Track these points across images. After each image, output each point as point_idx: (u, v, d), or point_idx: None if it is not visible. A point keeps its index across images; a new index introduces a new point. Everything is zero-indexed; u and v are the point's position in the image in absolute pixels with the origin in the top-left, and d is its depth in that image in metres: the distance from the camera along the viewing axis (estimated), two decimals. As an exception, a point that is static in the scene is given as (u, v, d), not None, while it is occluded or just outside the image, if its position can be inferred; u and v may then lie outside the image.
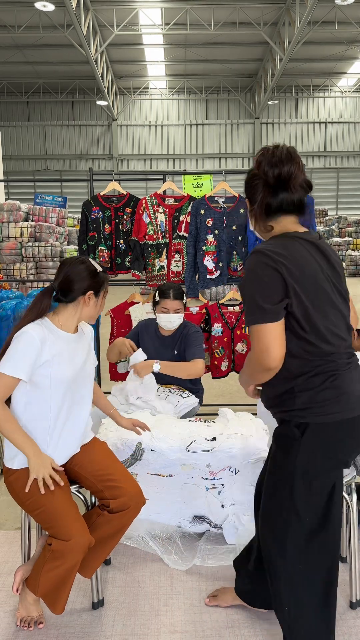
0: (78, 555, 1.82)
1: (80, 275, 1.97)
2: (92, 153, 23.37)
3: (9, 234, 10.69)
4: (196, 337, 3.10)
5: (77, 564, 1.86)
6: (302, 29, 13.67)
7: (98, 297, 2.04)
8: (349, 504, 2.08)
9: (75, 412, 2.02)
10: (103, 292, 2.06)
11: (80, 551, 1.82)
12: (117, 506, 1.98)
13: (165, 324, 3.07)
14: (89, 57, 15.51)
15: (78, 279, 1.97)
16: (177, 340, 3.13)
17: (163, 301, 3.04)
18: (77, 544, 1.80)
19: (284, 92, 22.77)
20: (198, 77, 21.57)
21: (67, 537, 1.80)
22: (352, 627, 2.00)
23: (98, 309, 2.07)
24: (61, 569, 1.83)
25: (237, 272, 3.87)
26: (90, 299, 2.00)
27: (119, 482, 2.01)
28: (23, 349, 1.84)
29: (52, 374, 1.89)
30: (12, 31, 15.39)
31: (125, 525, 2.03)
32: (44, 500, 1.84)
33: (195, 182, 4.01)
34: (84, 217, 3.89)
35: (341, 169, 23.72)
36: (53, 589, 1.88)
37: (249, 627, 2.00)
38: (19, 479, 1.91)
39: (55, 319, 1.98)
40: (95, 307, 2.04)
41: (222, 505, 2.48)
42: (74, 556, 1.81)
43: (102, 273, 2.04)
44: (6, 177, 19.59)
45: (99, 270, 2.03)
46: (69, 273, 1.97)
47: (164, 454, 2.43)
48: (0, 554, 2.46)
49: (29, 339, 1.85)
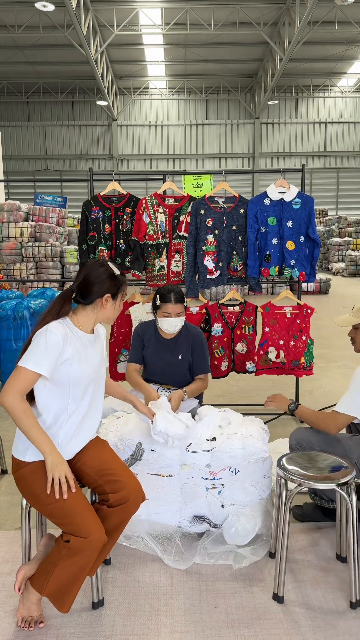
0: (95, 552, 1.85)
1: (99, 277, 2.01)
2: (92, 153, 23.38)
3: (9, 234, 10.69)
4: (204, 350, 3.13)
5: (91, 562, 1.88)
6: (302, 29, 13.67)
7: (115, 299, 2.07)
8: (349, 504, 2.08)
9: (90, 410, 2.07)
10: (121, 295, 2.10)
11: (97, 548, 1.85)
12: (116, 500, 1.99)
13: (167, 328, 3.00)
14: (89, 57, 15.51)
15: (97, 281, 2.01)
16: (181, 343, 3.09)
17: (164, 305, 2.97)
18: (95, 540, 1.83)
19: (284, 92, 22.78)
20: (198, 77, 21.57)
21: (86, 534, 1.82)
22: (352, 627, 2.01)
23: (116, 312, 2.10)
24: (76, 566, 1.85)
25: (237, 272, 3.87)
26: (107, 301, 2.04)
27: (118, 476, 2.02)
28: (45, 345, 1.88)
29: (72, 372, 1.94)
30: (12, 31, 15.39)
31: (125, 520, 2.04)
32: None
33: (195, 182, 4.01)
34: (84, 217, 3.90)
35: (341, 169, 23.72)
36: (63, 587, 1.89)
37: (249, 627, 2.01)
38: (34, 473, 1.91)
39: (75, 319, 2.03)
40: (113, 309, 2.08)
41: (222, 505, 2.48)
42: (91, 553, 1.84)
43: (120, 276, 2.07)
44: (6, 177, 19.60)
45: (117, 273, 2.06)
46: (88, 275, 2.01)
47: (164, 454, 2.43)
48: (0, 554, 2.47)
49: (52, 336, 1.89)
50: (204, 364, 3.11)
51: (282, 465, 2.19)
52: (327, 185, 23.81)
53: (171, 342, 3.09)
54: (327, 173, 23.73)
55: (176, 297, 2.98)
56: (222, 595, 2.18)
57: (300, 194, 3.75)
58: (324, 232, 17.87)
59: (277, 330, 3.87)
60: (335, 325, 2.88)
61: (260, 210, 3.74)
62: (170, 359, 3.07)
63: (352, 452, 2.44)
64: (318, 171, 23.59)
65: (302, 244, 3.79)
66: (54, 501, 1.86)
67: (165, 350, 3.09)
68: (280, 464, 2.21)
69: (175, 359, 3.07)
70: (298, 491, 2.12)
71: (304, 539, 2.55)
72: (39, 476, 1.90)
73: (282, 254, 3.80)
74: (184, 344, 3.08)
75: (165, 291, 3.01)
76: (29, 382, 1.87)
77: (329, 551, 2.46)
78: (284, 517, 2.10)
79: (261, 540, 2.47)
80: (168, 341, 3.09)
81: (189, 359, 3.09)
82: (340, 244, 16.82)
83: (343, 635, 1.97)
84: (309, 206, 3.76)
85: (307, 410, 2.62)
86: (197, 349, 3.09)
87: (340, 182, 23.85)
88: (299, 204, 3.74)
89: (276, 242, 3.78)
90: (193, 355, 3.09)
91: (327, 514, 2.66)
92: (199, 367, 3.10)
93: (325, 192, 23.74)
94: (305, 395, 4.66)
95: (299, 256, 3.79)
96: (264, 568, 2.33)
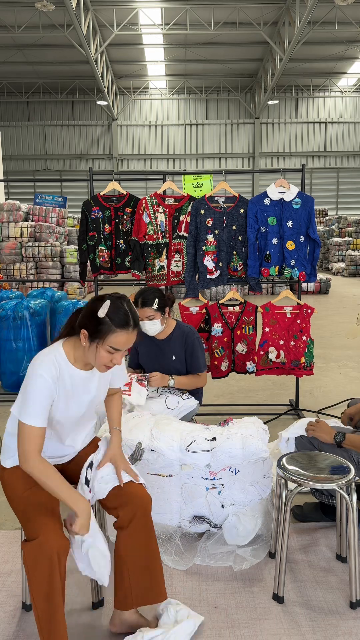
0: (46, 558, 1.66)
1: (89, 308, 1.82)
2: (92, 153, 23.37)
3: (9, 234, 10.70)
4: (198, 349, 3.10)
5: (52, 573, 1.66)
6: (302, 29, 13.67)
7: (94, 343, 1.79)
8: (349, 504, 2.08)
9: (75, 430, 2.00)
10: (101, 344, 1.78)
11: (48, 553, 1.66)
12: (126, 517, 1.92)
13: (144, 331, 2.99)
14: (89, 57, 15.51)
15: (85, 311, 1.83)
16: (173, 343, 3.08)
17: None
18: (43, 543, 1.67)
19: (284, 92, 22.78)
20: (198, 77, 21.57)
21: (34, 536, 1.70)
22: (352, 627, 2.01)
23: (95, 358, 1.81)
24: (39, 581, 1.66)
25: (237, 272, 3.87)
26: (85, 338, 1.80)
27: (124, 488, 1.97)
28: (40, 393, 1.77)
29: (57, 408, 1.86)
30: (12, 31, 15.39)
31: (147, 525, 1.95)
32: (27, 498, 1.82)
33: (195, 182, 4.01)
34: (84, 217, 3.90)
35: (341, 169, 23.72)
36: (43, 616, 1.69)
37: (249, 627, 2.00)
38: (12, 475, 1.90)
39: (71, 351, 1.87)
40: (91, 353, 1.81)
41: (222, 505, 2.48)
42: (44, 559, 1.66)
43: (108, 324, 1.77)
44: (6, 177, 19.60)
45: (102, 316, 1.77)
46: (88, 302, 1.85)
47: (164, 454, 2.43)
48: (0, 554, 2.46)
49: (43, 383, 1.77)
50: (196, 363, 3.09)
51: (282, 465, 2.19)
52: (327, 185, 23.81)
53: (164, 343, 3.09)
54: (327, 173, 23.73)
55: (142, 301, 2.94)
56: (222, 595, 2.18)
57: (300, 194, 3.75)
58: (324, 232, 17.87)
59: (277, 330, 3.87)
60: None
61: (260, 210, 3.74)
62: (163, 360, 3.07)
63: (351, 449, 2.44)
64: (318, 171, 23.59)
65: (302, 244, 3.79)
66: (21, 505, 1.82)
67: (158, 351, 3.10)
68: (280, 464, 2.21)
69: (169, 359, 3.07)
70: (298, 491, 2.12)
71: (304, 539, 2.55)
72: (15, 478, 1.88)
73: (282, 253, 3.80)
74: (176, 344, 3.08)
75: (137, 294, 2.99)
76: (39, 437, 1.77)
77: (329, 551, 2.46)
78: (284, 517, 2.10)
79: (261, 540, 2.47)
80: (161, 342, 3.09)
81: (183, 359, 3.09)
82: (340, 243, 16.82)
83: (343, 635, 1.97)
84: (309, 206, 3.76)
85: (357, 437, 2.43)
86: (189, 348, 3.08)
87: (340, 182, 23.85)
88: (299, 203, 3.74)
89: (276, 242, 3.78)
90: (186, 355, 3.09)
91: (327, 513, 2.66)
92: (192, 366, 3.09)
93: (325, 192, 23.74)
94: (305, 395, 4.66)
95: (299, 256, 3.79)
96: (264, 568, 2.33)
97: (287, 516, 2.10)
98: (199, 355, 3.10)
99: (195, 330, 3.17)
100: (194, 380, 3.09)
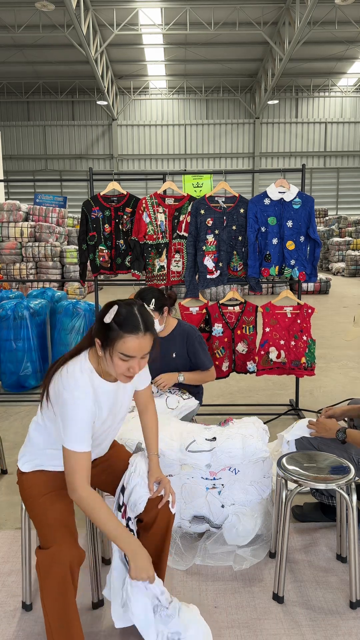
0: (63, 567, 1.62)
1: (100, 314, 1.75)
2: (92, 153, 23.38)
3: (9, 234, 10.70)
4: (201, 346, 3.12)
5: (67, 583, 1.63)
6: (302, 29, 13.67)
7: (107, 351, 1.72)
8: (349, 504, 2.08)
9: (107, 439, 1.99)
10: (113, 350, 1.70)
11: (63, 563, 1.63)
12: (149, 520, 1.93)
13: None
14: (89, 57, 15.51)
15: (97, 318, 1.77)
16: (174, 341, 3.10)
17: None
18: (58, 553, 1.64)
19: (284, 92, 22.78)
20: (198, 77, 21.57)
21: (49, 544, 1.67)
22: (352, 627, 2.01)
23: (112, 367, 1.73)
24: (54, 594, 1.64)
25: (237, 272, 3.87)
26: (99, 346, 1.74)
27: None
28: (82, 419, 1.71)
29: (94, 427, 1.81)
30: (12, 31, 15.39)
31: (164, 536, 1.95)
32: (43, 506, 1.81)
33: (195, 182, 4.01)
34: (84, 217, 3.90)
35: (341, 169, 23.72)
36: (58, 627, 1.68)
37: (249, 627, 2.00)
38: (28, 480, 1.90)
39: (94, 361, 1.81)
40: (107, 362, 1.74)
41: (222, 505, 2.48)
42: (59, 569, 1.62)
43: (116, 330, 1.68)
44: (6, 177, 19.60)
45: (108, 321, 1.69)
46: (102, 308, 1.79)
47: (164, 454, 2.43)
48: (0, 554, 2.46)
49: (84, 406, 1.71)
50: (201, 360, 3.11)
51: (282, 465, 2.19)
52: (327, 185, 23.82)
53: (164, 341, 3.10)
54: (327, 173, 23.73)
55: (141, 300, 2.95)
56: (222, 595, 2.18)
57: (300, 194, 3.75)
58: (324, 232, 17.87)
59: (277, 330, 3.87)
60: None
61: (260, 210, 3.74)
62: (164, 358, 3.08)
63: (350, 447, 2.45)
64: (318, 171, 23.59)
65: (302, 244, 3.79)
66: (37, 510, 1.81)
67: (161, 350, 3.09)
68: (280, 464, 2.21)
69: (169, 357, 3.09)
70: (298, 491, 2.12)
71: (304, 539, 2.55)
72: (32, 482, 1.89)
73: (282, 253, 3.80)
74: (177, 342, 3.09)
75: (136, 294, 3.00)
76: (87, 461, 1.71)
77: (329, 551, 2.46)
78: (284, 517, 2.10)
79: (261, 540, 2.47)
80: (162, 340, 3.10)
81: (185, 356, 3.10)
82: (340, 243, 16.82)
83: (343, 635, 1.97)
84: (309, 206, 3.76)
85: (357, 432, 2.42)
86: (191, 347, 3.10)
87: (340, 182, 23.85)
88: (299, 203, 3.74)
89: (276, 242, 3.78)
90: (189, 353, 3.11)
91: (327, 513, 2.66)
92: (198, 364, 3.12)
93: (325, 192, 23.75)
94: (305, 395, 4.66)
95: (299, 256, 3.79)
96: (264, 568, 2.33)
97: (287, 516, 2.10)
98: (201, 353, 3.12)
99: (196, 328, 3.19)
100: (202, 375, 3.14)
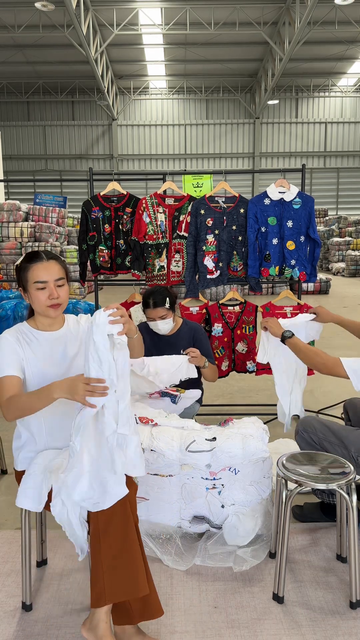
0: (124, 505, 1.77)
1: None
2: (92, 153, 23.37)
3: (9, 234, 10.69)
4: (207, 342, 3.21)
5: (128, 519, 1.78)
6: (302, 29, 13.67)
7: (27, 292, 2.01)
8: (349, 504, 2.08)
9: (68, 406, 1.93)
10: (30, 286, 1.98)
11: (124, 500, 1.77)
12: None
13: (156, 331, 3.10)
14: (89, 57, 15.51)
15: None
16: (181, 339, 3.13)
17: (146, 311, 3.07)
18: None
19: (284, 92, 22.77)
20: (198, 77, 21.57)
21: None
22: (352, 627, 2.00)
23: (36, 304, 2.00)
24: (117, 541, 1.75)
25: (237, 272, 3.87)
26: (23, 293, 2.04)
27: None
28: (4, 350, 1.95)
29: (32, 372, 1.98)
30: (12, 31, 15.39)
31: (129, 510, 1.84)
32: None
33: (195, 182, 4.01)
34: (84, 217, 3.89)
35: (341, 169, 23.72)
36: (123, 573, 1.75)
37: (249, 627, 2.00)
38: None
39: (32, 321, 2.09)
40: (32, 301, 2.01)
41: (222, 506, 2.48)
42: (123, 510, 1.77)
43: (23, 267, 2.00)
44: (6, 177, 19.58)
45: (18, 263, 2.04)
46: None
47: (164, 454, 2.43)
48: (0, 554, 2.46)
49: (5, 341, 1.97)
50: (209, 355, 3.20)
51: (282, 465, 2.19)
52: (327, 185, 23.81)
53: (171, 339, 3.14)
54: (327, 173, 23.72)
55: (154, 301, 3.01)
56: (222, 595, 2.17)
57: (300, 194, 3.75)
58: (324, 232, 17.87)
59: (277, 330, 3.87)
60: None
61: (260, 210, 3.74)
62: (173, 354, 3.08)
63: (350, 445, 2.44)
64: (318, 171, 23.59)
65: (302, 244, 3.79)
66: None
67: (166, 348, 3.11)
68: (280, 464, 2.21)
69: (177, 353, 3.09)
70: (298, 491, 2.12)
71: (304, 539, 2.55)
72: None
73: (282, 253, 3.80)
74: (184, 339, 3.12)
75: (146, 296, 3.05)
76: (13, 385, 1.89)
77: (329, 551, 2.46)
78: (284, 517, 2.10)
79: (261, 540, 2.47)
80: (168, 338, 3.13)
81: None
82: (340, 243, 16.81)
83: (343, 635, 1.97)
84: (309, 206, 3.76)
85: (302, 342, 2.56)
86: (198, 342, 3.16)
87: (340, 182, 23.85)
88: (299, 203, 3.74)
89: (276, 242, 3.78)
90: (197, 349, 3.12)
91: (327, 513, 2.66)
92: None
93: (325, 192, 23.74)
94: (305, 395, 4.65)
95: (299, 256, 3.79)
96: (264, 568, 2.33)
97: (287, 516, 2.10)
98: (207, 350, 3.20)
99: (201, 326, 3.23)
100: (214, 369, 3.20)
